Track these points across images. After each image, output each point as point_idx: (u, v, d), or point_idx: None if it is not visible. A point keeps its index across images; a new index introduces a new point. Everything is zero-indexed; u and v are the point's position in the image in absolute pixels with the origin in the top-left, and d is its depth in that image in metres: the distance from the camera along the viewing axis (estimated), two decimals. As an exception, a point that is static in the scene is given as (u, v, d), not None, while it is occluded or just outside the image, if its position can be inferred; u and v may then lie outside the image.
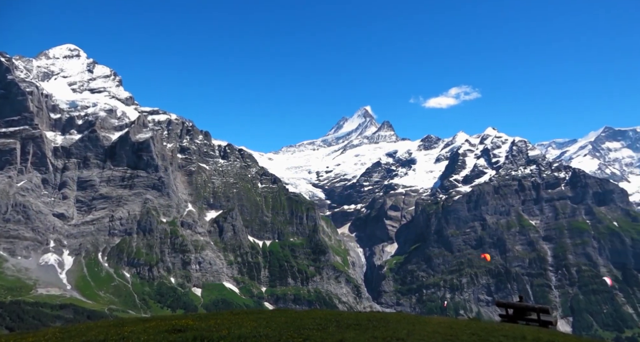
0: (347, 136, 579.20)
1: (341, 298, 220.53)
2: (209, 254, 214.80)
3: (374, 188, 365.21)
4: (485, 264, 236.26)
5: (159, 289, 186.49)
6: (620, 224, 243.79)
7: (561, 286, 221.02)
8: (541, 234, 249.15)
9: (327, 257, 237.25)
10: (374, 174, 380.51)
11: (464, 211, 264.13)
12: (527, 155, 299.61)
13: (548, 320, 24.57)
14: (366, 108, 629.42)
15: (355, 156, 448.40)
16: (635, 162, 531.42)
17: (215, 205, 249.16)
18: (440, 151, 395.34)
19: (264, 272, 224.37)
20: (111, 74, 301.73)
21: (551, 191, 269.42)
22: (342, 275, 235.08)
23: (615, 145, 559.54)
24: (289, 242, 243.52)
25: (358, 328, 18.81)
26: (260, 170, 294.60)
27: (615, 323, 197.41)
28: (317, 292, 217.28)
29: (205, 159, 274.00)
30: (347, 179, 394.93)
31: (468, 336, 18.07)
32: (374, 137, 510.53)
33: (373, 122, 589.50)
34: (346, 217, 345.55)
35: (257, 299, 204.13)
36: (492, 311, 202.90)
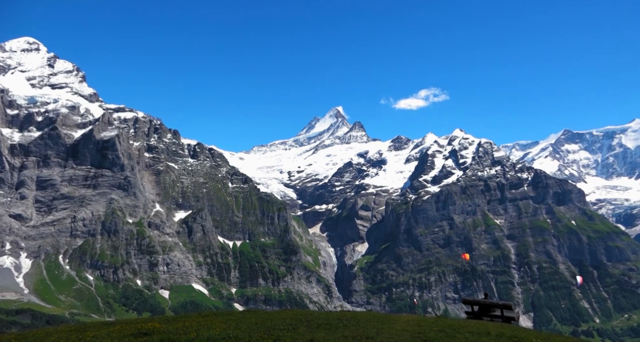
0: (319, 136, 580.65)
1: (312, 298, 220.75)
2: (178, 255, 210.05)
3: (346, 188, 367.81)
4: (452, 263, 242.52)
5: (125, 291, 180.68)
6: (578, 222, 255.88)
7: (523, 282, 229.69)
8: (505, 233, 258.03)
9: (298, 257, 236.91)
10: (346, 174, 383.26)
11: (433, 210, 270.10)
12: (492, 157, 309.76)
13: (511, 316, 25.51)
14: (338, 108, 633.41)
15: (327, 156, 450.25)
16: (591, 163, 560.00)
17: (184, 205, 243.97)
18: (410, 152, 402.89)
19: (234, 273, 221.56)
20: (74, 70, 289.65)
21: (515, 191, 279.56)
22: (313, 275, 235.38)
23: (574, 148, 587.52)
24: (259, 242, 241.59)
25: (328, 328, 18.86)
26: (231, 170, 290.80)
27: (572, 318, 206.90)
28: (288, 293, 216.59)
29: (174, 158, 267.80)
30: (319, 179, 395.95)
31: (435, 333, 18.47)
32: (345, 138, 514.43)
33: (345, 122, 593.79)
34: (318, 217, 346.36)
35: (227, 301, 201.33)
36: (459, 308, 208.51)
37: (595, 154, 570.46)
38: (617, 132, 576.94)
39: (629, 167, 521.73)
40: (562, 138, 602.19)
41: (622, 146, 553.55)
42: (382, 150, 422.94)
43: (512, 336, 17.83)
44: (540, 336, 19.43)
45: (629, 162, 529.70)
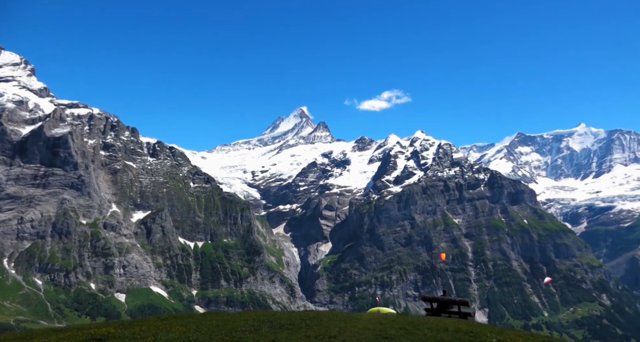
0: (283, 136, 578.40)
1: (275, 298, 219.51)
2: (135, 257, 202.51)
3: (310, 188, 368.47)
4: (413, 261, 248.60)
5: (77, 296, 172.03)
6: (529, 221, 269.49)
7: (479, 279, 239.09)
8: (463, 232, 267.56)
9: (261, 258, 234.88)
10: (310, 174, 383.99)
11: (395, 210, 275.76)
12: (451, 158, 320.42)
13: (467, 312, 26.50)
14: (302, 108, 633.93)
15: (291, 156, 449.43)
16: (542, 165, 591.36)
17: (143, 205, 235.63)
18: (374, 152, 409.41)
19: (195, 275, 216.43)
20: (21, 62, 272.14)
21: (472, 191, 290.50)
22: (277, 275, 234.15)
23: (526, 150, 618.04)
24: (222, 243, 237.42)
25: (291, 328, 18.83)
26: (193, 169, 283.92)
27: (523, 312, 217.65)
28: (250, 294, 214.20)
29: (132, 157, 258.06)
30: (283, 179, 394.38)
31: (396, 330, 18.86)
32: (309, 138, 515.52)
33: (309, 122, 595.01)
34: (281, 217, 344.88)
35: (188, 303, 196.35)
36: (419, 306, 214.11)
37: (546, 156, 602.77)
38: (565, 135, 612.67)
39: (575, 169, 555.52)
40: (515, 141, 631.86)
41: (570, 149, 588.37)
42: (346, 150, 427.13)
43: (468, 331, 18.48)
44: (494, 330, 20.27)
45: (575, 164, 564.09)
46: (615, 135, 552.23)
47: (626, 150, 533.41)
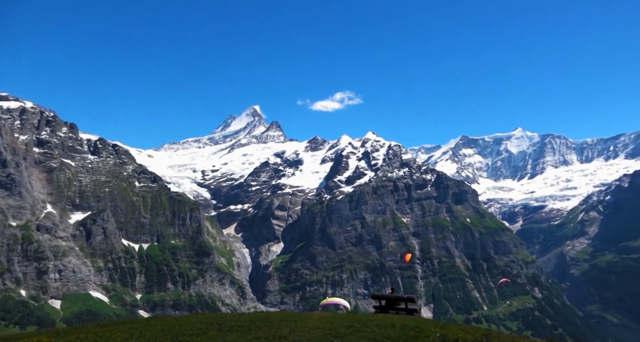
0: (235, 135, 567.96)
1: (225, 300, 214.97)
2: (73, 261, 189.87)
3: (262, 188, 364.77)
4: (363, 260, 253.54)
5: (4, 303, 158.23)
6: (472, 220, 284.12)
7: (425, 276, 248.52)
8: (411, 231, 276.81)
9: (211, 259, 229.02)
10: (262, 174, 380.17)
11: (346, 210, 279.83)
12: (401, 159, 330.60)
13: (414, 308, 27.47)
14: (255, 107, 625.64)
15: (243, 155, 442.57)
16: (483, 166, 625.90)
17: (82, 206, 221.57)
18: (326, 153, 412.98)
19: (139, 278, 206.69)
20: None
21: (420, 192, 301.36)
22: (227, 277, 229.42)
23: (470, 152, 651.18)
24: (169, 244, 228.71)
25: (240, 330, 18.57)
26: (138, 167, 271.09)
27: (465, 306, 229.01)
28: (199, 296, 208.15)
29: (71, 155, 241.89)
30: (235, 179, 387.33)
31: (346, 328, 19.16)
32: (262, 137, 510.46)
33: (262, 121, 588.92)
34: (232, 218, 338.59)
35: (131, 308, 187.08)
36: (368, 304, 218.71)
37: (487, 158, 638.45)
38: (504, 139, 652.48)
39: (512, 170, 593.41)
40: (460, 143, 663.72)
41: (508, 151, 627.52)
42: (298, 150, 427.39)
43: (414, 326, 19.17)
44: (437, 325, 21.17)
45: (513, 166, 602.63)
46: (547, 139, 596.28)
47: (556, 153, 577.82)
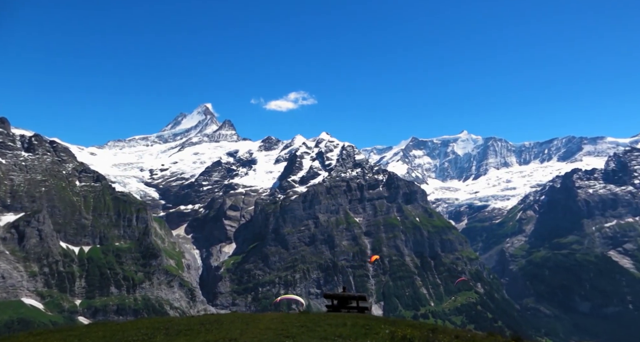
0: (185, 133, 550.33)
1: (173, 304, 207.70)
2: (2, 266, 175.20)
3: (214, 188, 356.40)
4: (316, 260, 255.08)
5: None
6: (421, 219, 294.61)
7: (377, 275, 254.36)
8: (363, 230, 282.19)
9: (158, 261, 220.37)
10: (214, 174, 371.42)
11: (300, 210, 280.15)
12: (354, 159, 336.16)
13: (365, 306, 28.06)
14: (207, 105, 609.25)
15: (194, 154, 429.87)
16: (432, 167, 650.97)
17: (15, 206, 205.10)
18: (280, 152, 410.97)
19: (79, 283, 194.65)
20: None
21: (372, 192, 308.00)
22: (176, 279, 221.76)
23: (419, 153, 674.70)
24: (113, 246, 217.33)
25: (189, 333, 18.07)
26: (79, 166, 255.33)
27: (414, 303, 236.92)
28: (145, 300, 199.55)
29: (1, 151, 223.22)
30: (185, 178, 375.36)
31: (298, 328, 19.18)
32: (214, 136, 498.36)
33: (214, 120, 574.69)
34: (182, 218, 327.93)
35: (69, 315, 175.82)
36: (321, 303, 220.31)
37: (435, 160, 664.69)
38: (451, 141, 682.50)
39: (458, 172, 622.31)
40: (410, 144, 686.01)
41: (455, 153, 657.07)
42: (252, 150, 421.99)
43: (364, 324, 19.57)
44: (387, 322, 21.75)
45: (459, 167, 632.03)
46: (490, 142, 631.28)
47: (498, 155, 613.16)
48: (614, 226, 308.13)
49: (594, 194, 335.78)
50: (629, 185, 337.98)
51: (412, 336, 17.03)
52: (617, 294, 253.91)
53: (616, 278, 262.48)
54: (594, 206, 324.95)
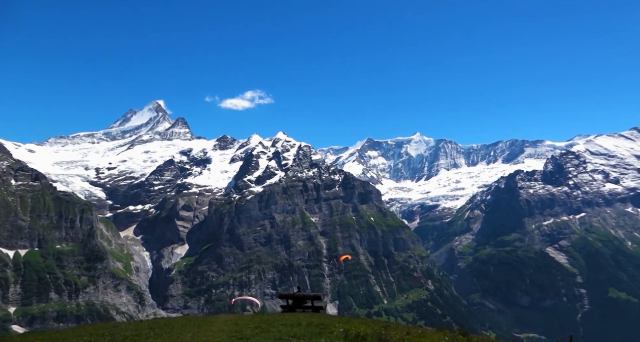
0: (135, 130, 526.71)
1: (120, 308, 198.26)
2: None
3: (166, 187, 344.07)
4: (272, 260, 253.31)
5: None
6: (375, 219, 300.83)
7: (332, 274, 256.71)
8: (319, 230, 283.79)
9: (104, 265, 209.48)
10: (166, 173, 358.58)
11: (256, 210, 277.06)
12: (310, 159, 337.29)
13: (320, 306, 28.20)
14: (159, 102, 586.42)
15: (145, 153, 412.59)
16: (386, 168, 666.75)
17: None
18: (236, 152, 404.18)
19: (14, 289, 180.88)
20: None
21: (328, 192, 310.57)
22: (123, 282, 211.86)
23: (374, 154, 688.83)
24: (54, 250, 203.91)
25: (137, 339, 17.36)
26: (16, 164, 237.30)
27: (367, 301, 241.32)
28: (89, 306, 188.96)
29: None
30: (135, 177, 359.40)
31: (252, 329, 18.95)
32: (166, 134, 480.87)
33: (166, 117, 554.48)
34: (131, 219, 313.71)
35: (2, 323, 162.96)
36: (276, 303, 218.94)
37: (389, 160, 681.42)
38: (405, 142, 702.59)
39: (411, 172, 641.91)
40: (366, 145, 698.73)
41: (408, 154, 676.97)
42: (207, 149, 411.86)
43: (319, 323, 19.67)
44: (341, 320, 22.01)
45: (412, 168, 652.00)
46: (441, 144, 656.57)
47: (448, 157, 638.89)
48: (551, 224, 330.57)
49: (534, 194, 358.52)
50: (565, 185, 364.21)
51: (365, 334, 17.33)
52: (553, 288, 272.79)
53: (552, 273, 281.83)
54: (534, 205, 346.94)
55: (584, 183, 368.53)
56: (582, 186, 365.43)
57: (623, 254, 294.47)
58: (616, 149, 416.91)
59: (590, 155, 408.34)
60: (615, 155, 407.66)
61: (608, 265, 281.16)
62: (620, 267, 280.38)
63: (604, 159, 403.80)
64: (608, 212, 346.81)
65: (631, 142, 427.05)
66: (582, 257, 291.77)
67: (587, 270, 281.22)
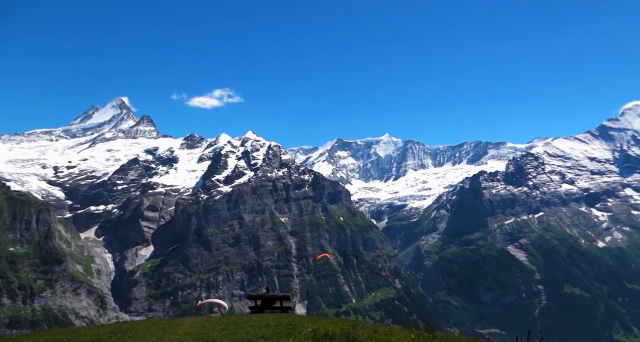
0: (97, 128, 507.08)
1: (79, 313, 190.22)
2: None
3: (130, 187, 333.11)
4: (240, 261, 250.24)
5: None
6: (345, 218, 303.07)
7: (301, 274, 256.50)
8: (289, 230, 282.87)
9: (63, 267, 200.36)
10: (130, 172, 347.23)
11: (224, 210, 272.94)
12: (280, 159, 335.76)
13: (288, 306, 28.12)
14: (123, 99, 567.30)
15: (108, 151, 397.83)
16: (356, 168, 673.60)
17: None
18: (204, 151, 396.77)
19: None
20: None
21: (298, 191, 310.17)
22: (83, 286, 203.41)
23: (344, 154, 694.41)
24: (7, 252, 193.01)
25: (97, 345, 16.69)
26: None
27: (336, 301, 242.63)
28: (45, 311, 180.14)
29: None
30: (96, 177, 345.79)
31: (219, 331, 18.66)
32: (131, 132, 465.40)
33: (130, 115, 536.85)
34: (93, 220, 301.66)
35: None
36: (244, 305, 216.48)
37: (359, 161, 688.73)
38: (374, 143, 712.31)
39: (380, 172, 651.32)
40: (335, 145, 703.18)
41: (377, 155, 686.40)
42: (173, 147, 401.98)
43: (288, 324, 19.62)
44: (310, 320, 22.02)
45: (380, 168, 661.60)
46: (409, 145, 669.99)
47: (416, 158, 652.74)
48: (512, 223, 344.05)
49: (496, 194, 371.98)
50: (525, 186, 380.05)
51: (334, 333, 17.43)
52: (514, 284, 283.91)
53: (513, 270, 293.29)
54: (496, 205, 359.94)
55: (543, 184, 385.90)
56: (540, 186, 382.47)
57: (577, 251, 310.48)
58: (572, 152, 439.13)
59: (548, 157, 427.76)
60: (571, 157, 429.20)
61: (563, 262, 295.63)
62: (575, 264, 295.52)
63: (561, 161, 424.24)
64: (564, 211, 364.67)
65: (585, 145, 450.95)
66: (540, 255, 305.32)
67: (545, 267, 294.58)
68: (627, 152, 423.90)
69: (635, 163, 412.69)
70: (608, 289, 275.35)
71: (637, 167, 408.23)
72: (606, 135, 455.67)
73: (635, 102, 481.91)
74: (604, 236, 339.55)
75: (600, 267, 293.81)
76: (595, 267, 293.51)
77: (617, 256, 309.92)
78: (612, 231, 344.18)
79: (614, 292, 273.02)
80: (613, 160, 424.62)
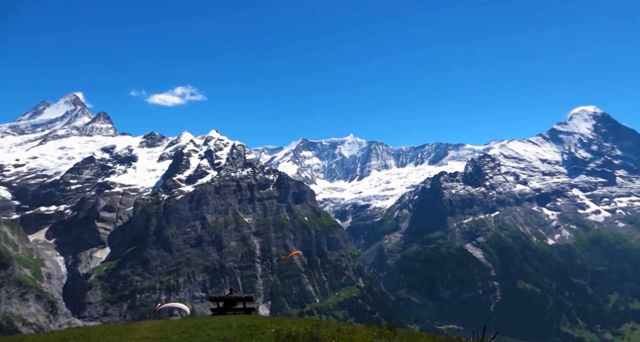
0: (49, 124, 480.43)
1: (27, 319, 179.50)
2: None
3: (85, 187, 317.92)
4: (202, 262, 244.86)
5: None
6: (309, 218, 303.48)
7: (265, 275, 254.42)
8: (253, 230, 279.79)
9: (9, 271, 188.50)
10: (85, 171, 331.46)
11: (186, 210, 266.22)
12: (244, 159, 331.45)
13: (251, 307, 27.84)
14: (77, 94, 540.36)
15: (61, 149, 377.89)
16: (321, 168, 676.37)
17: None
18: (165, 150, 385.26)
19: None
20: None
21: (262, 191, 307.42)
22: (32, 290, 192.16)
23: (309, 154, 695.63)
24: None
25: (47, 353, 15.80)
26: None
27: (300, 301, 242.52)
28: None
29: None
30: (47, 176, 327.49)
31: (179, 335, 18.19)
32: (86, 129, 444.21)
33: (86, 111, 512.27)
34: (43, 221, 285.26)
35: None
36: (206, 307, 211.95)
37: (324, 161, 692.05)
38: (339, 143, 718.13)
39: (345, 172, 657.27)
40: (300, 145, 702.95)
41: (342, 155, 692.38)
42: (132, 146, 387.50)
43: (250, 325, 19.40)
44: (273, 321, 21.90)
45: (345, 169, 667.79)
46: (373, 145, 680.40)
47: (379, 158, 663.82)
48: (470, 222, 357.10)
49: (456, 194, 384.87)
50: (482, 186, 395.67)
51: (297, 333, 17.40)
52: (471, 281, 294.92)
53: (470, 268, 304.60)
54: (455, 205, 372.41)
55: (499, 184, 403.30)
56: (496, 186, 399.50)
57: (529, 248, 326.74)
58: (525, 153, 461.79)
59: (504, 158, 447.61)
60: (525, 159, 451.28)
61: (517, 259, 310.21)
62: (527, 260, 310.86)
63: (515, 162, 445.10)
64: (518, 210, 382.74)
65: (537, 147, 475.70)
66: (496, 253, 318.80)
67: (500, 264, 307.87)
68: (575, 155, 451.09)
69: (581, 165, 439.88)
70: (556, 284, 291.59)
71: (584, 169, 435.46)
72: (556, 138, 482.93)
73: (582, 107, 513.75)
74: (553, 234, 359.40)
75: (549, 264, 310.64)
76: (545, 264, 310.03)
77: (565, 252, 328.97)
78: (560, 229, 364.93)
79: (562, 287, 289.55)
80: (562, 162, 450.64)
